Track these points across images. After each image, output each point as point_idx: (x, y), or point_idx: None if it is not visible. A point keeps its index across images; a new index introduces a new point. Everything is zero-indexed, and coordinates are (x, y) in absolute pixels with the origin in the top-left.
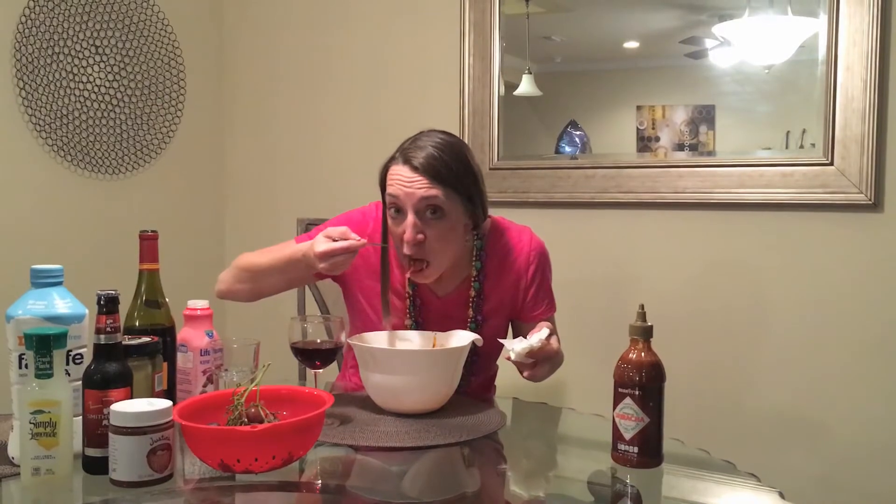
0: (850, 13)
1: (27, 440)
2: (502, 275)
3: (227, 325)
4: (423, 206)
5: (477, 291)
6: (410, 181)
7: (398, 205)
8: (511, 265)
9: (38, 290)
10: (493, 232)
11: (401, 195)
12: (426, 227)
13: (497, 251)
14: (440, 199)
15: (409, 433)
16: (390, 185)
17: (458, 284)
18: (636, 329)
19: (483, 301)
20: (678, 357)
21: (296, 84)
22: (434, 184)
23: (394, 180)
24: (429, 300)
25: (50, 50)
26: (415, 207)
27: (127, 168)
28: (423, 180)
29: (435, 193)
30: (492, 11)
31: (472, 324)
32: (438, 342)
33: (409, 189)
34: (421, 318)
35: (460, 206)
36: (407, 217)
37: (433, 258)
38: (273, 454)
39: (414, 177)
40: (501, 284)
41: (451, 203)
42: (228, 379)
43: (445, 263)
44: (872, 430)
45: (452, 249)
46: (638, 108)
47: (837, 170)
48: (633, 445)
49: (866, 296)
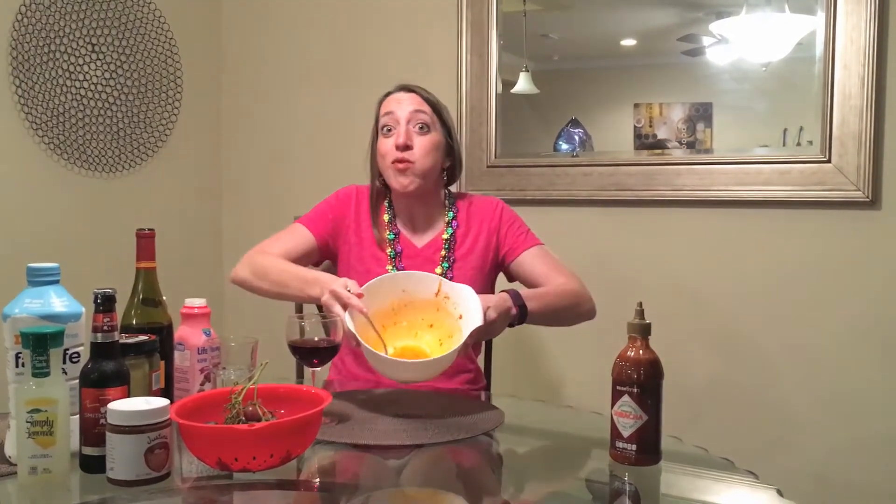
0: (847, 10)
1: (24, 439)
2: (472, 222)
3: (224, 323)
4: (413, 118)
5: (450, 235)
6: (405, 97)
7: (391, 121)
8: (480, 213)
9: (35, 289)
10: (462, 195)
11: (395, 109)
12: (414, 139)
13: (466, 204)
14: (427, 115)
15: (407, 431)
16: (385, 105)
17: (434, 235)
18: (634, 326)
19: (455, 243)
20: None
21: (293, 82)
22: (424, 103)
23: (389, 101)
24: (408, 249)
25: (46, 48)
26: (406, 118)
27: (123, 166)
28: (416, 98)
29: (425, 108)
30: (489, 9)
31: (444, 263)
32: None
33: (404, 103)
34: (401, 265)
35: (441, 134)
36: (399, 128)
37: (417, 162)
38: (271, 453)
39: (409, 95)
40: (472, 230)
41: (435, 126)
42: (226, 377)
43: (426, 173)
44: (870, 427)
45: (433, 166)
46: (635, 106)
47: (835, 167)
48: (631, 443)
49: (864, 292)
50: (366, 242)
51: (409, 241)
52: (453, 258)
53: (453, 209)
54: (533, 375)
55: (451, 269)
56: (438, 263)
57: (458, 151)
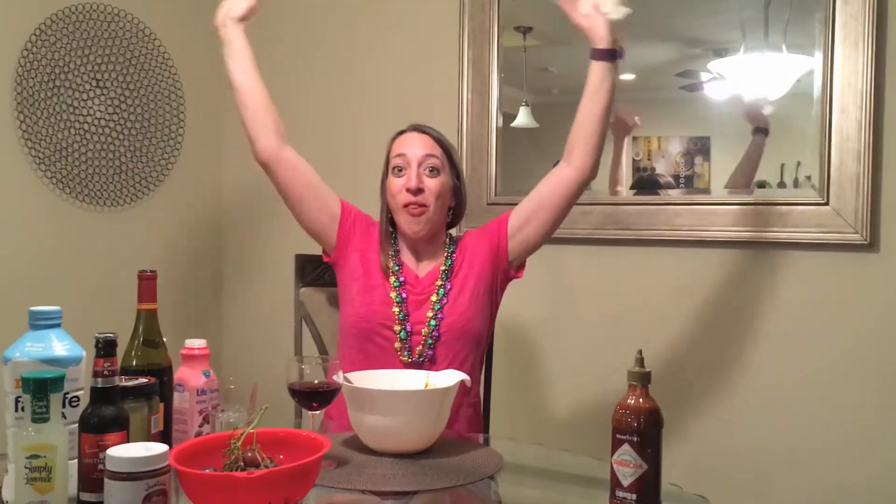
0: (844, 55)
1: (22, 485)
2: (466, 251)
3: (223, 364)
4: (424, 161)
5: (448, 266)
6: (417, 140)
7: (402, 163)
8: (476, 240)
9: (36, 332)
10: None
11: (407, 152)
12: (424, 181)
13: (467, 240)
14: (438, 160)
15: (407, 476)
16: (398, 146)
17: (434, 266)
18: (635, 375)
19: (452, 273)
20: (674, 399)
21: (295, 120)
22: (436, 145)
23: (402, 142)
24: (410, 278)
25: (51, 83)
26: (418, 161)
27: (125, 200)
28: (428, 140)
29: (436, 152)
30: (490, 48)
31: (440, 291)
32: (431, 382)
33: (415, 145)
34: (404, 292)
35: (450, 176)
36: (410, 170)
37: (430, 206)
38: (269, 500)
39: (420, 137)
40: (470, 258)
41: (445, 169)
42: (225, 419)
43: (435, 219)
44: (868, 468)
45: (440, 208)
46: (634, 139)
47: (833, 209)
48: (631, 492)
49: (861, 335)
50: (372, 267)
51: (411, 272)
52: (449, 286)
53: (454, 245)
54: (529, 416)
55: (446, 295)
56: (435, 291)
57: (464, 193)
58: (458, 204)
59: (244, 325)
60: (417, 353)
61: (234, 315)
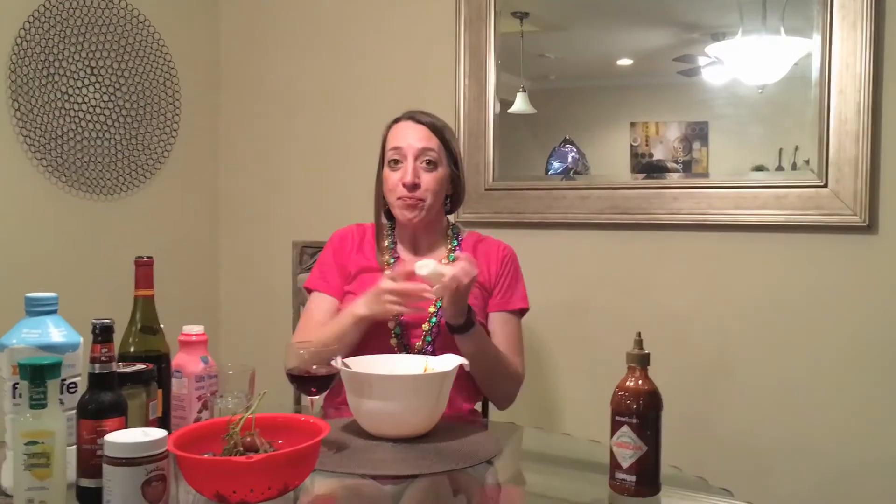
0: (843, 36)
1: (20, 471)
2: (478, 256)
3: (221, 350)
4: (421, 154)
5: (451, 262)
6: (413, 131)
7: (398, 156)
8: (487, 252)
9: (33, 319)
10: (469, 233)
11: (403, 145)
12: (421, 175)
13: (474, 239)
14: (435, 152)
15: (406, 460)
16: (393, 137)
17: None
18: (633, 357)
19: None
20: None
21: (291, 105)
22: (432, 136)
23: (397, 133)
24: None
25: (45, 71)
26: (414, 154)
27: (121, 189)
28: (424, 131)
29: (433, 145)
30: (487, 34)
31: None
32: (429, 367)
33: (411, 137)
34: None
35: (447, 165)
36: (406, 163)
37: (426, 200)
38: (269, 485)
39: (416, 127)
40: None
41: (442, 161)
42: (223, 405)
43: (432, 210)
44: (868, 452)
45: (437, 200)
46: (632, 125)
47: (832, 192)
48: (630, 474)
49: (860, 317)
50: (370, 267)
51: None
52: None
53: (457, 238)
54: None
55: None
56: None
57: (463, 181)
58: (457, 192)
59: (242, 311)
60: (417, 348)
61: (232, 301)
